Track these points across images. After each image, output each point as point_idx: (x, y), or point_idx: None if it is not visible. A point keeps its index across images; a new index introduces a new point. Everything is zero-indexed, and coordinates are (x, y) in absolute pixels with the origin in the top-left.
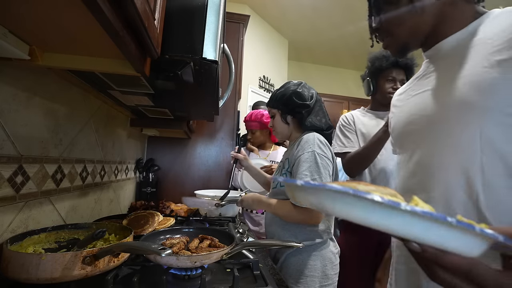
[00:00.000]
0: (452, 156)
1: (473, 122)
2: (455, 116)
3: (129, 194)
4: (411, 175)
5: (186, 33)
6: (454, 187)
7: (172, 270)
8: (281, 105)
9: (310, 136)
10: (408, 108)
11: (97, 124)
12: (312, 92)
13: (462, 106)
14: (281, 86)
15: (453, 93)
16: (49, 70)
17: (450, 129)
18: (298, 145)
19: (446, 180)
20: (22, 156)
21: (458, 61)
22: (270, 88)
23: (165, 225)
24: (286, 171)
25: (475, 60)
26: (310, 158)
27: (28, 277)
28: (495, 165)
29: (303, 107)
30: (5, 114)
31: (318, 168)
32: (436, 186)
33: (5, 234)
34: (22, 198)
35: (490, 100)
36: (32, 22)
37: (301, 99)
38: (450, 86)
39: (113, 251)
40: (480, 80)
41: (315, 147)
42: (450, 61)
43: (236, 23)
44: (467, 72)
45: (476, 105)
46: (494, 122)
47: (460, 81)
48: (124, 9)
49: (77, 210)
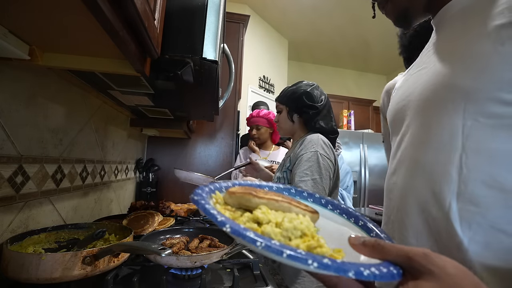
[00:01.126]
0: (427, 153)
1: (457, 110)
2: (437, 102)
3: (129, 194)
4: (392, 174)
5: (186, 33)
6: (424, 194)
7: (172, 270)
8: (290, 102)
9: (314, 136)
10: (400, 93)
11: (97, 124)
12: (323, 96)
13: (444, 89)
14: (294, 84)
15: (439, 72)
16: (49, 70)
17: (430, 119)
18: (301, 144)
19: (419, 183)
20: (22, 156)
21: (459, 27)
22: (270, 88)
23: (165, 225)
24: (287, 169)
25: (473, 27)
26: (313, 158)
27: (28, 277)
28: (476, 168)
29: (311, 108)
30: (5, 114)
31: (320, 169)
32: (408, 190)
33: (5, 234)
34: (22, 198)
35: (480, 81)
36: (32, 23)
37: (311, 100)
38: (439, 63)
39: (113, 251)
40: (470, 53)
41: (318, 147)
42: (448, 31)
43: (236, 23)
44: (459, 43)
45: (461, 86)
46: (481, 112)
47: (448, 57)
48: (124, 9)
49: (77, 210)
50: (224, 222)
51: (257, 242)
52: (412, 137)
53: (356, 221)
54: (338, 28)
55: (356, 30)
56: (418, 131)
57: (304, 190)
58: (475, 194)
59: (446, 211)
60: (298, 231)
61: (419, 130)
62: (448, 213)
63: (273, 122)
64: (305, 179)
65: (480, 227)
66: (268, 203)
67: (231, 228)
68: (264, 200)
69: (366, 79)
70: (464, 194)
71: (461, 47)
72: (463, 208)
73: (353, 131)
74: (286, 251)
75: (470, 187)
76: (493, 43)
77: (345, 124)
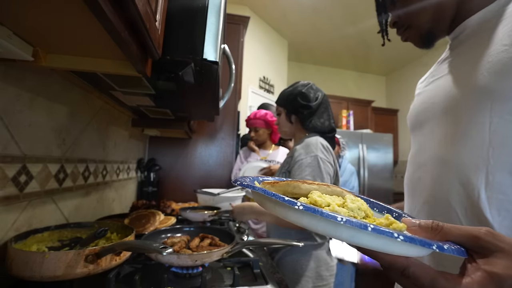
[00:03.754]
0: (456, 148)
1: (484, 109)
2: (465, 102)
3: (131, 193)
4: (415, 171)
5: (187, 34)
6: (454, 184)
7: (173, 269)
8: (287, 104)
9: (313, 140)
10: (422, 97)
11: (99, 124)
12: (318, 94)
13: (473, 91)
14: (291, 85)
15: (465, 76)
16: (52, 71)
17: (458, 118)
18: (300, 148)
19: (447, 176)
20: (25, 156)
21: (481, 40)
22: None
23: (166, 224)
24: (286, 170)
25: (496, 39)
26: (313, 163)
27: (32, 275)
28: (502, 160)
29: (306, 108)
30: (9, 114)
31: (321, 173)
32: (436, 182)
33: (9, 232)
34: (25, 197)
35: (505, 83)
36: (36, 24)
37: (305, 99)
38: (465, 69)
39: (115, 249)
40: (496, 60)
41: (318, 151)
42: (472, 41)
43: (237, 24)
44: (485, 52)
45: (489, 89)
46: (507, 110)
47: (475, 64)
48: (125, 10)
49: (79, 209)
50: (294, 201)
51: (337, 218)
52: (439, 135)
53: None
54: (338, 29)
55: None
56: (445, 129)
57: None
58: (502, 184)
59: (476, 200)
60: (362, 211)
61: (446, 128)
62: (478, 202)
63: (270, 123)
64: None
65: (508, 213)
66: (320, 188)
67: (304, 206)
68: (314, 185)
69: (366, 80)
70: (492, 184)
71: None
72: (491, 197)
73: (352, 131)
74: (370, 225)
75: (497, 177)
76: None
77: (344, 124)
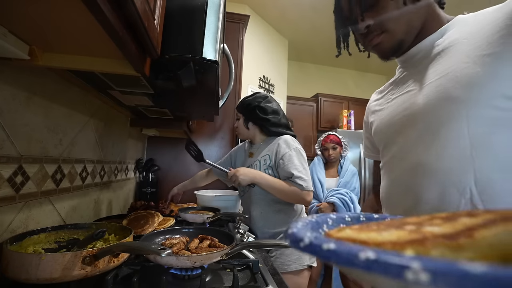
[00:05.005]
0: (440, 153)
1: (460, 116)
2: (440, 112)
3: (129, 194)
4: (397, 178)
5: (186, 33)
6: (445, 186)
7: (172, 270)
8: (246, 112)
9: (288, 137)
10: (390, 111)
11: (97, 124)
12: (274, 107)
13: (447, 101)
14: (250, 95)
15: (437, 89)
16: (49, 70)
17: (436, 126)
18: (278, 146)
19: (436, 180)
20: (22, 156)
21: (437, 61)
22: (270, 88)
23: (165, 225)
24: (268, 166)
25: (456, 58)
26: (298, 154)
27: (28, 277)
28: (486, 158)
29: (264, 121)
30: (5, 114)
31: (305, 160)
32: (425, 187)
33: (5, 234)
34: (22, 198)
35: (476, 93)
36: (32, 22)
37: (263, 113)
38: (434, 83)
39: (113, 251)
40: (463, 74)
41: (296, 144)
42: (427, 62)
43: (236, 23)
44: (448, 69)
45: (462, 99)
46: (481, 115)
47: (442, 78)
48: (124, 9)
49: (77, 210)
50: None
51: None
52: (419, 145)
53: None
54: None
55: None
56: (426, 138)
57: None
58: (490, 179)
59: (468, 196)
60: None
61: (427, 137)
62: (471, 198)
63: None
64: (301, 169)
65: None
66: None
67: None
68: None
69: (366, 79)
70: (481, 180)
71: (452, 70)
72: (482, 192)
73: (353, 131)
74: None
75: (484, 174)
76: (480, 67)
77: (345, 124)
